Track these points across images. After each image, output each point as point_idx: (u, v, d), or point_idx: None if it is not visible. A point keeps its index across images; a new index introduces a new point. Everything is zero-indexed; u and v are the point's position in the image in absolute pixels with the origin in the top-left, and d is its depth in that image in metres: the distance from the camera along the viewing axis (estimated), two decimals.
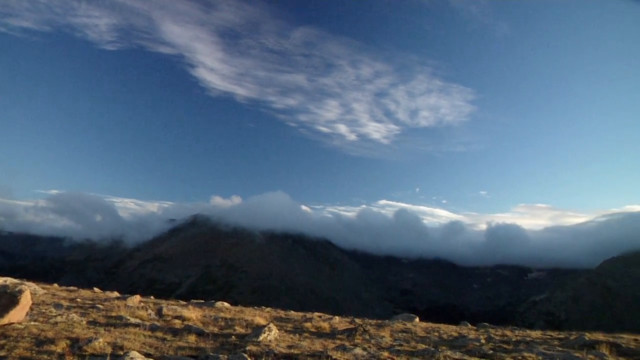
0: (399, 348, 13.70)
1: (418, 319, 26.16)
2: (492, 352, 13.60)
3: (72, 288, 30.15)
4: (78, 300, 21.02)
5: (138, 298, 22.97)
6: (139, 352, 9.67)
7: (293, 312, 26.75)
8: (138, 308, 18.49)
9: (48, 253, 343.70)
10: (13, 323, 11.86)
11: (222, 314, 20.02)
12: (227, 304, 26.13)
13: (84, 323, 13.77)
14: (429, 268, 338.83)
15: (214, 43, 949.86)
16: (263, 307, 29.25)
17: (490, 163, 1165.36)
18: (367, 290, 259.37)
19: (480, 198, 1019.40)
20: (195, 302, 26.85)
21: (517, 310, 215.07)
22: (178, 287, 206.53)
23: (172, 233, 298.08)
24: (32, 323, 12.38)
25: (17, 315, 12.10)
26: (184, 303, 25.81)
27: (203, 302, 27.10)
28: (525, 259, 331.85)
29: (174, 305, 21.68)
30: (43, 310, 15.29)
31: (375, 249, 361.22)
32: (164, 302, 25.89)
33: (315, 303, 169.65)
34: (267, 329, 13.65)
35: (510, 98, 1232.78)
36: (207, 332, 14.03)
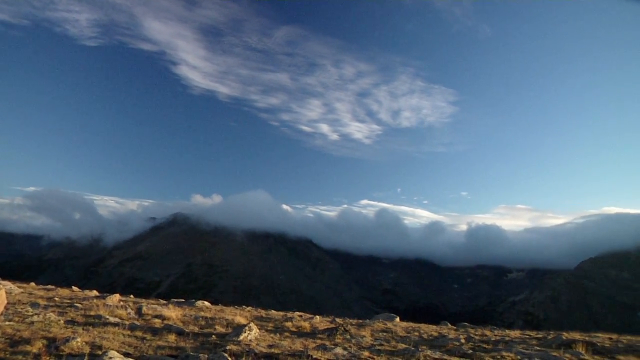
0: (380, 347, 13.78)
1: (398, 319, 26.29)
2: (471, 351, 13.75)
3: (49, 287, 29.72)
4: (56, 299, 20.71)
5: (117, 297, 22.70)
6: (118, 351, 9.58)
7: (274, 311, 26.70)
8: (117, 307, 18.30)
9: (25, 251, 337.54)
10: None
11: (202, 313, 19.90)
12: (207, 303, 25.98)
13: (62, 322, 13.59)
14: (410, 268, 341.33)
15: (197, 40, 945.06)
16: (244, 306, 29.14)
17: (471, 164, 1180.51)
18: (348, 290, 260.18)
19: (461, 199, 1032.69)
20: (176, 301, 26.62)
21: (496, 310, 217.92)
22: (158, 286, 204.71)
23: (152, 231, 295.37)
24: (6, 323, 12.18)
25: None
26: (164, 302, 25.60)
27: (183, 301, 26.88)
28: (505, 260, 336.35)
29: (154, 304, 21.50)
30: (19, 310, 15.05)
31: (356, 249, 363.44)
32: (144, 301, 25.68)
33: (296, 302, 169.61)
34: (247, 329, 13.63)
35: (492, 100, 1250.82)
36: (187, 331, 13.95)
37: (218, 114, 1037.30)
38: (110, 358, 8.64)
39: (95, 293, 27.26)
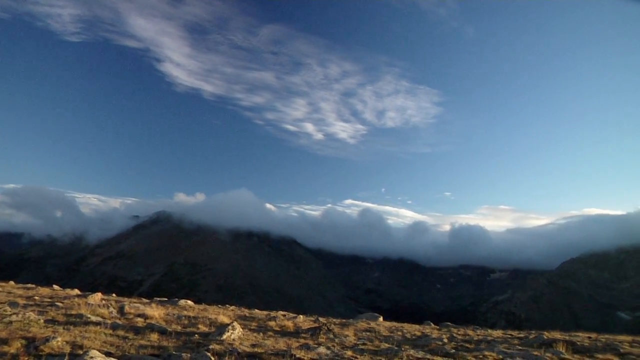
0: (363, 347, 13.83)
1: (382, 318, 26.39)
2: (454, 351, 13.87)
3: (29, 286, 29.28)
4: (36, 299, 20.43)
5: (99, 296, 22.46)
6: (100, 351, 9.47)
7: (257, 310, 26.61)
8: (99, 306, 18.10)
9: (5, 249, 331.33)
10: None
11: (185, 313, 19.78)
12: (190, 302, 25.82)
13: (42, 322, 13.39)
14: (393, 268, 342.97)
15: (182, 38, 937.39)
16: (227, 305, 28.99)
17: (455, 165, 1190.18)
18: (331, 289, 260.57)
19: (445, 199, 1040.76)
20: (159, 300, 26.42)
21: (479, 310, 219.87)
22: (141, 284, 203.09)
23: (135, 230, 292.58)
24: None
25: None
26: (147, 301, 25.37)
27: (166, 300, 26.69)
28: (488, 260, 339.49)
29: (137, 303, 21.31)
30: None
31: (340, 248, 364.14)
32: (126, 300, 25.42)
33: (280, 302, 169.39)
34: (230, 328, 13.58)
35: (476, 101, 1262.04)
36: (169, 330, 13.86)
37: (202, 112, 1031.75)
38: (92, 357, 8.49)
39: (77, 292, 26.91)
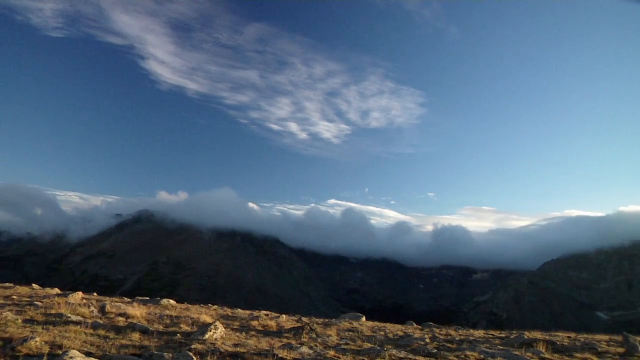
0: (345, 347, 13.87)
1: (364, 318, 26.50)
2: (436, 350, 13.97)
3: (7, 284, 28.74)
4: (14, 298, 20.09)
5: (80, 295, 22.16)
6: (80, 350, 9.34)
7: (240, 310, 26.53)
8: (80, 305, 17.85)
9: None
10: None
11: (167, 312, 19.64)
12: (173, 302, 25.64)
13: (20, 322, 13.16)
14: (376, 268, 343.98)
15: (166, 35, 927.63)
16: (209, 304, 28.89)
17: (439, 165, 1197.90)
18: (314, 289, 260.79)
19: (428, 199, 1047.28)
20: (140, 299, 26.20)
21: (461, 310, 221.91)
22: (123, 283, 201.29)
23: (117, 228, 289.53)
24: None
25: None
26: (129, 300, 25.14)
27: (148, 299, 26.47)
28: (470, 260, 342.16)
29: (118, 302, 21.10)
30: None
31: (323, 248, 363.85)
32: (108, 299, 25.15)
33: (263, 301, 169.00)
34: (213, 327, 13.51)
35: (460, 102, 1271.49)
36: (151, 330, 13.73)
37: (186, 111, 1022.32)
38: (71, 358, 8.33)
39: (57, 291, 26.52)
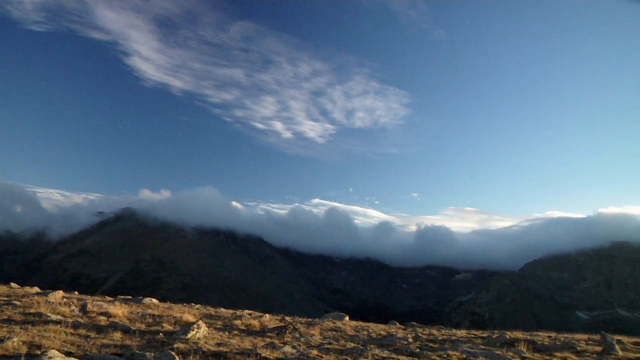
0: (329, 346, 13.91)
1: (348, 318, 26.59)
2: (419, 350, 14.09)
3: None
4: None
5: (61, 294, 21.88)
6: (59, 350, 9.22)
7: (223, 309, 26.44)
8: (60, 304, 17.64)
9: None
10: None
11: (150, 311, 19.50)
12: (155, 301, 25.44)
13: None
14: (360, 267, 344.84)
15: (151, 32, 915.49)
16: (192, 304, 28.72)
17: (423, 166, 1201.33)
18: (298, 289, 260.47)
19: (412, 200, 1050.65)
20: (123, 298, 25.93)
21: (444, 310, 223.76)
22: (105, 282, 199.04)
23: (99, 226, 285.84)
24: None
25: None
26: (111, 299, 24.89)
27: (130, 298, 26.22)
28: (453, 261, 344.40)
29: (100, 301, 20.90)
30: None
31: (307, 248, 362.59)
32: (89, 298, 24.88)
33: (246, 300, 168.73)
34: (195, 326, 13.46)
35: (444, 103, 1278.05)
36: (133, 329, 13.62)
37: (170, 108, 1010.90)
38: (50, 358, 8.17)
39: (37, 290, 26.11)
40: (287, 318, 22.87)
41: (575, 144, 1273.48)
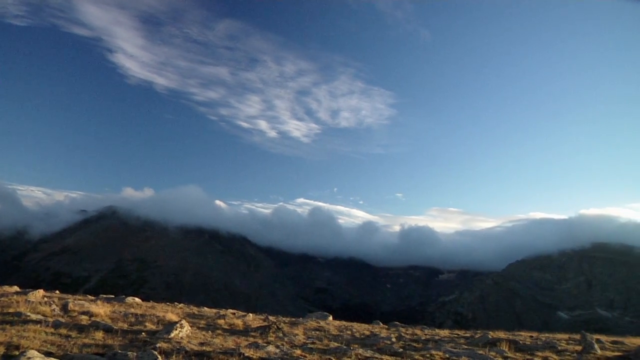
0: (312, 346, 13.94)
1: (332, 318, 26.67)
2: (402, 350, 14.16)
3: None
4: None
5: (41, 293, 21.60)
6: (39, 350, 9.07)
7: (206, 308, 26.37)
8: (41, 303, 17.38)
9: None
10: None
11: (132, 310, 19.37)
12: (138, 300, 25.27)
13: None
14: (344, 267, 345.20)
15: (135, 29, 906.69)
16: (176, 303, 28.62)
17: (407, 166, 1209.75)
18: (282, 288, 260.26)
19: (396, 200, 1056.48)
20: (105, 297, 25.72)
21: (427, 310, 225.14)
22: (87, 281, 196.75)
23: (81, 225, 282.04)
24: None
25: None
26: (93, 298, 24.67)
27: (113, 297, 26.03)
28: (437, 261, 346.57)
29: (82, 301, 20.69)
30: None
31: (291, 247, 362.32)
32: (71, 297, 24.59)
33: (230, 300, 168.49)
34: (178, 326, 13.40)
35: (429, 104, 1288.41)
36: (115, 328, 13.51)
37: (154, 106, 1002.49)
38: (29, 358, 8.01)
39: (16, 289, 25.71)
40: (270, 317, 22.84)
41: (558, 146, 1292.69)
